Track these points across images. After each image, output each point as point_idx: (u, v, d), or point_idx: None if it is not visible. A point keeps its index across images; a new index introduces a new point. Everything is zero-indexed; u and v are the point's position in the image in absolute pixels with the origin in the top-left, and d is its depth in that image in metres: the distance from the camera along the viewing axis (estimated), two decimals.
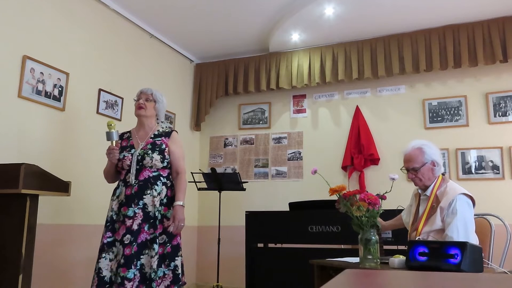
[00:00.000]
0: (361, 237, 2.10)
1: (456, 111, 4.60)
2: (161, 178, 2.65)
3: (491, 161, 4.37)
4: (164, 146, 2.71)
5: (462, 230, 2.15)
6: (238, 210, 4.80)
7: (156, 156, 2.64)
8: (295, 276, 3.53)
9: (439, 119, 4.65)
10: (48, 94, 3.43)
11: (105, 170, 2.78)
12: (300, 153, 5.16)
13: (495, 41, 4.30)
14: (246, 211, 3.97)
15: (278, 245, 3.92)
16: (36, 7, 3.38)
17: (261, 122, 5.42)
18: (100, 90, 3.97)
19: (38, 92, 3.34)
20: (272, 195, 5.13)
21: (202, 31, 4.83)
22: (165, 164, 2.68)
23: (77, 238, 3.62)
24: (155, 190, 2.59)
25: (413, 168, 2.39)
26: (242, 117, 5.52)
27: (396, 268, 1.90)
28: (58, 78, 3.53)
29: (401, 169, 2.50)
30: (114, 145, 2.65)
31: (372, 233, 2.07)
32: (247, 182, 4.70)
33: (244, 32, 4.86)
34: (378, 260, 2.07)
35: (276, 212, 4.07)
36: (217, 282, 4.35)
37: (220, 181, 4.43)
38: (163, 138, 2.75)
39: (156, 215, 2.57)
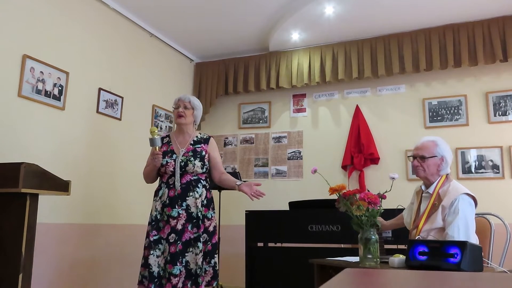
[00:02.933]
0: (361, 236, 2.10)
1: (456, 111, 4.60)
2: (201, 181, 2.84)
3: (491, 161, 4.37)
4: (204, 153, 2.88)
5: (463, 230, 2.14)
6: (238, 209, 4.79)
7: (198, 163, 2.81)
8: (295, 275, 3.54)
9: (439, 118, 4.65)
10: (48, 93, 3.43)
11: (145, 172, 2.92)
12: (300, 153, 5.16)
13: (495, 41, 4.30)
14: (246, 211, 3.97)
15: (278, 245, 3.92)
16: (36, 6, 3.38)
17: (261, 121, 5.42)
18: (100, 89, 3.97)
19: (38, 91, 3.34)
20: (272, 194, 5.11)
21: (202, 30, 4.83)
22: (204, 170, 2.87)
23: (77, 237, 3.62)
24: (197, 192, 2.78)
25: (421, 155, 2.36)
26: (242, 116, 5.52)
27: (396, 268, 1.91)
28: (58, 77, 3.53)
29: (408, 157, 2.49)
30: (157, 150, 2.76)
31: (372, 232, 2.08)
32: (247, 181, 4.69)
33: (244, 31, 4.86)
34: (378, 259, 2.07)
35: (276, 211, 4.07)
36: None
37: None
38: (202, 145, 2.91)
39: (199, 215, 2.74)
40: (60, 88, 3.54)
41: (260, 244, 3.91)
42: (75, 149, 3.66)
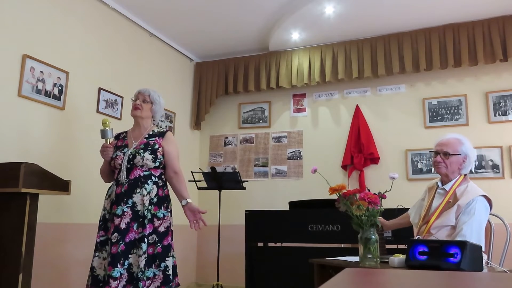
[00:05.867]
0: (361, 236, 2.10)
1: (456, 110, 4.60)
2: (152, 177, 2.63)
3: (491, 160, 4.37)
4: (157, 146, 2.69)
5: (476, 231, 2.13)
6: (238, 209, 4.80)
7: (148, 156, 2.62)
8: (295, 275, 3.54)
9: (439, 118, 4.65)
10: (48, 93, 3.43)
11: (101, 169, 2.79)
12: (300, 152, 5.16)
13: (495, 40, 4.30)
14: (246, 210, 3.97)
15: (278, 244, 3.92)
16: (36, 6, 3.38)
17: (261, 121, 5.42)
18: (100, 89, 3.97)
19: (38, 91, 3.34)
20: (272, 194, 5.13)
21: (202, 30, 4.82)
22: (157, 164, 2.66)
23: (77, 236, 3.62)
24: (145, 189, 2.57)
25: (445, 152, 2.34)
26: (242, 116, 5.52)
27: (396, 267, 1.90)
28: (58, 77, 3.53)
29: (430, 152, 2.47)
30: (108, 143, 2.65)
31: (371, 232, 2.08)
32: (247, 181, 4.70)
33: (244, 31, 4.86)
34: (378, 259, 2.07)
35: (276, 211, 4.07)
36: (217, 281, 4.35)
37: (220, 180, 4.43)
38: (156, 138, 2.73)
39: (146, 214, 2.53)
40: (60, 87, 3.54)
41: (260, 244, 3.91)
42: (75, 149, 3.66)
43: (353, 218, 2.12)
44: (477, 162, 4.41)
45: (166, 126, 4.92)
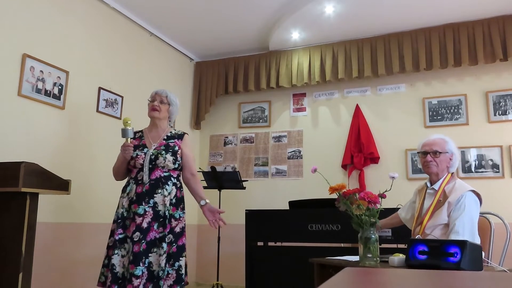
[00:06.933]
0: (361, 235, 2.10)
1: (456, 110, 4.60)
2: (172, 178, 2.70)
3: (491, 160, 4.37)
4: (177, 148, 2.75)
5: (468, 227, 2.15)
6: (238, 208, 4.79)
7: (169, 157, 2.68)
8: (295, 275, 3.54)
9: (439, 117, 4.64)
10: (48, 92, 3.43)
11: (115, 168, 2.80)
12: (300, 152, 5.16)
13: (495, 40, 4.30)
14: (246, 210, 3.97)
15: (278, 244, 3.92)
16: (35, 6, 3.38)
17: (261, 120, 5.42)
18: (100, 88, 3.97)
19: (38, 91, 3.34)
20: (272, 193, 5.13)
21: (202, 30, 4.82)
22: (176, 165, 2.72)
23: (77, 236, 3.62)
24: (166, 189, 2.63)
25: (435, 151, 2.37)
26: (242, 115, 5.52)
27: (396, 267, 1.91)
28: (58, 77, 3.53)
29: (417, 153, 2.49)
30: (129, 142, 2.66)
31: (371, 232, 2.08)
32: (247, 180, 4.70)
33: (244, 31, 4.86)
34: (378, 258, 2.07)
35: (276, 210, 4.07)
36: (217, 280, 4.36)
37: (220, 179, 4.43)
38: (176, 140, 2.79)
39: (166, 214, 2.60)
40: (60, 87, 3.54)
41: (260, 243, 3.90)
42: (75, 149, 3.66)
43: (353, 218, 2.12)
44: (477, 162, 4.41)
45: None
